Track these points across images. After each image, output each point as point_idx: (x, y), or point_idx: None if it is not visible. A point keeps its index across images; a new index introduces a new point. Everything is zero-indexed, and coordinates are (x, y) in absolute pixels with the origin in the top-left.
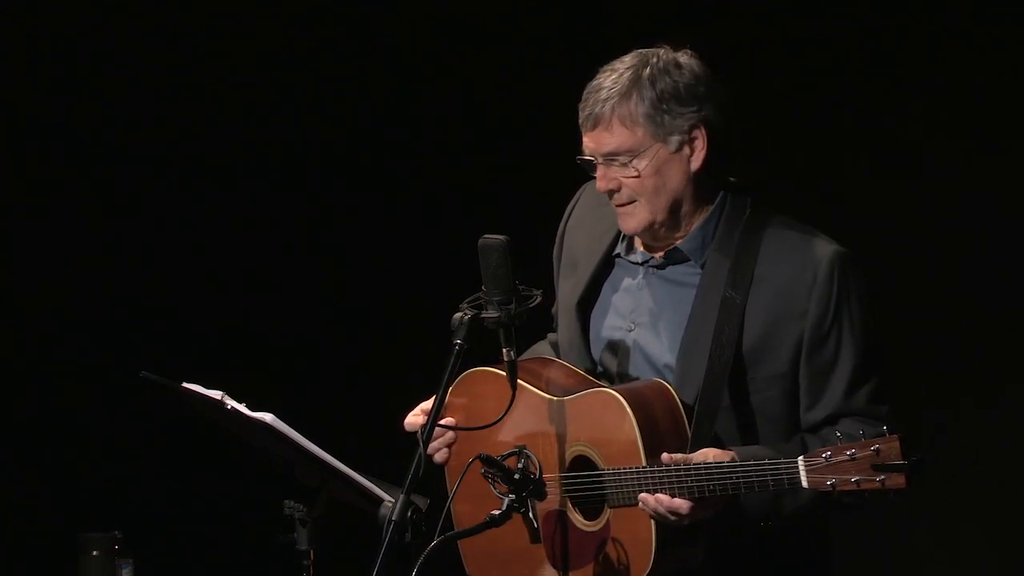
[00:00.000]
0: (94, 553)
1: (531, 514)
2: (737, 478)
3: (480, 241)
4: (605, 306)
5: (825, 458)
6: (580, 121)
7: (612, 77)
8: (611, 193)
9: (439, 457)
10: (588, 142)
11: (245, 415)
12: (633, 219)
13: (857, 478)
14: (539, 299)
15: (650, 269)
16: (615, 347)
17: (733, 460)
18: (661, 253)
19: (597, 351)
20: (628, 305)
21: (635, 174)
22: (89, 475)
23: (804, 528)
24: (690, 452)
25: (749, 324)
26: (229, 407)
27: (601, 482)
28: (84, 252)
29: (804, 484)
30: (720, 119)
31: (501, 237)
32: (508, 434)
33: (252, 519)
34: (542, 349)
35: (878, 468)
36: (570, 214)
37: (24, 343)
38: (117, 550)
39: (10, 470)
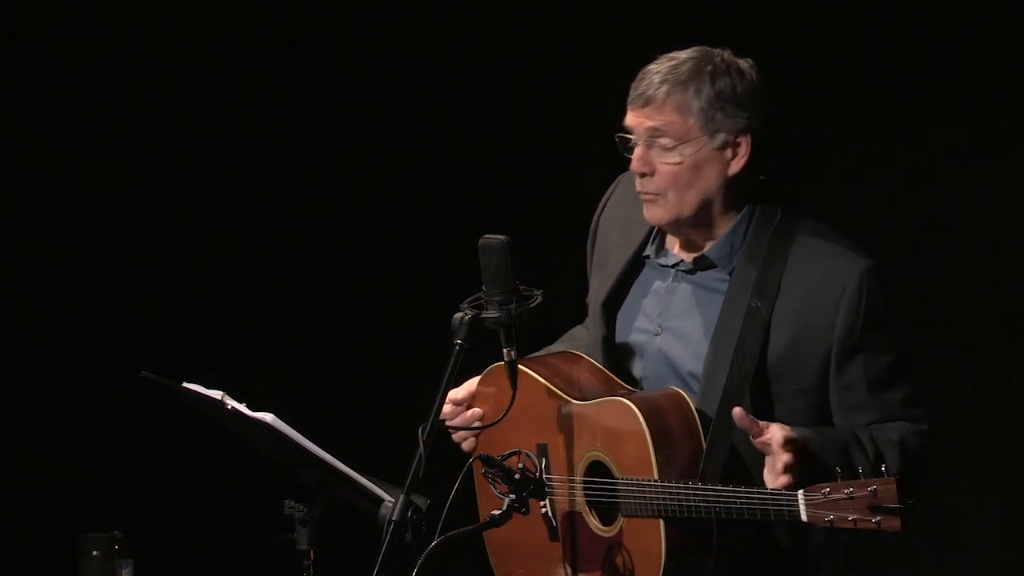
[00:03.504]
0: (94, 553)
1: (551, 512)
2: (740, 504)
3: (480, 241)
4: (634, 307)
5: (823, 494)
6: (629, 99)
7: (673, 63)
8: (642, 176)
9: (467, 445)
10: (633, 118)
11: (245, 415)
12: (659, 210)
13: (854, 517)
14: (539, 299)
15: (680, 273)
16: (640, 350)
17: (803, 438)
18: (691, 258)
19: (622, 352)
20: (656, 308)
21: (676, 161)
22: (89, 475)
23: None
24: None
25: (775, 335)
26: (229, 407)
27: (616, 490)
28: (84, 252)
29: (804, 518)
30: (765, 131)
31: (501, 237)
32: (528, 432)
33: (252, 519)
34: (579, 334)
35: (874, 509)
36: (604, 206)
37: (24, 343)
38: (117, 550)
39: (10, 470)
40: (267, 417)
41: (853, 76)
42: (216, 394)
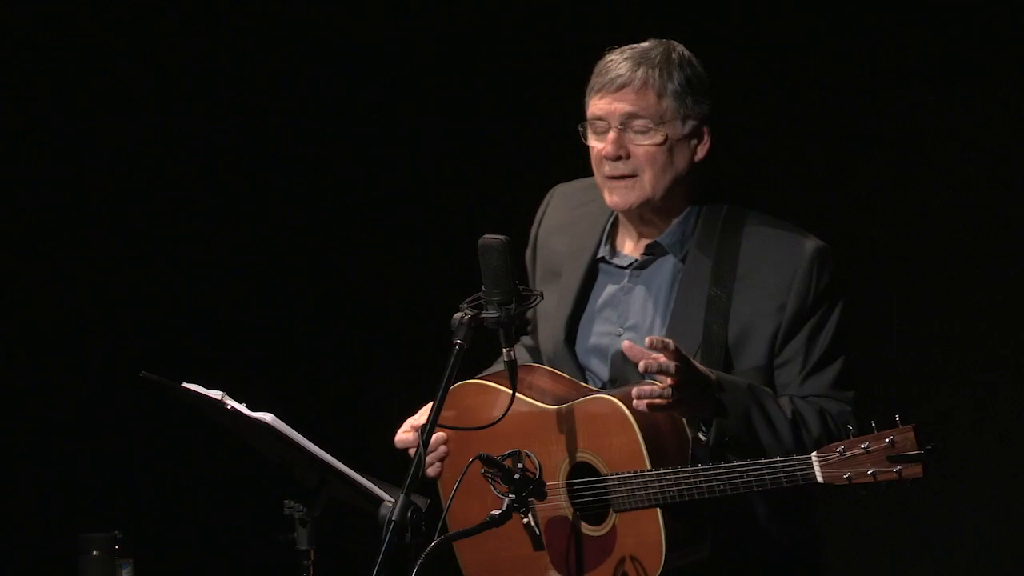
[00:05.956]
0: (94, 553)
1: (533, 522)
2: (748, 476)
3: (480, 241)
4: (592, 314)
5: (839, 452)
6: (599, 85)
7: (641, 50)
8: (616, 160)
9: (431, 472)
10: (606, 104)
11: (245, 415)
12: (631, 193)
13: (873, 470)
14: (539, 299)
15: (634, 272)
16: (605, 353)
17: (715, 374)
18: (641, 251)
19: (587, 359)
20: (614, 311)
21: (657, 141)
22: (89, 475)
23: (797, 526)
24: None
25: (733, 320)
26: (229, 407)
27: (605, 488)
28: (83, 252)
29: (819, 479)
30: (719, 121)
31: (501, 237)
32: (506, 443)
33: (252, 519)
34: (519, 354)
35: (894, 459)
36: (542, 219)
37: (24, 343)
38: (117, 550)
39: (10, 470)
40: (267, 417)
41: (812, 76)
42: (216, 394)
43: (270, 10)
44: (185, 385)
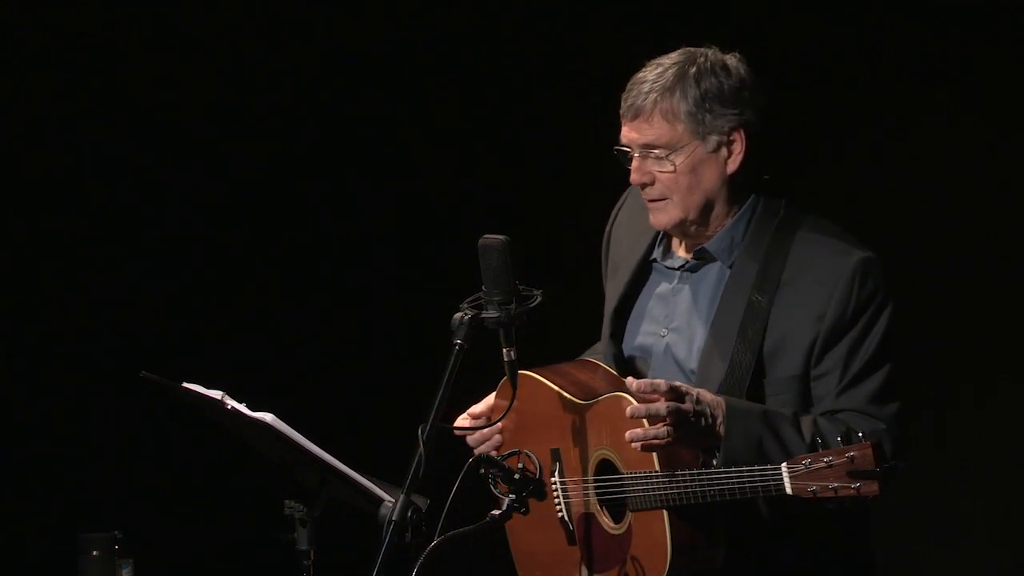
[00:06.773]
0: (94, 553)
1: (567, 516)
2: (732, 483)
3: (480, 241)
4: (641, 312)
5: (805, 465)
6: (621, 111)
7: (657, 71)
8: (644, 186)
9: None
10: (627, 132)
11: (245, 415)
12: (664, 215)
13: (835, 485)
14: (539, 299)
15: (685, 274)
16: (648, 353)
17: (726, 403)
18: (691, 255)
19: (633, 357)
20: (662, 310)
21: (671, 169)
22: (89, 475)
23: (838, 531)
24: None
25: (772, 327)
26: (229, 407)
27: (622, 486)
28: (83, 252)
29: (788, 491)
30: (760, 124)
31: (501, 237)
32: (542, 437)
33: (252, 519)
34: (600, 348)
35: (853, 475)
36: (615, 216)
37: (25, 343)
38: (117, 550)
39: (10, 470)
40: (267, 417)
41: (857, 67)
42: (216, 394)
43: (271, 10)
44: (185, 385)
